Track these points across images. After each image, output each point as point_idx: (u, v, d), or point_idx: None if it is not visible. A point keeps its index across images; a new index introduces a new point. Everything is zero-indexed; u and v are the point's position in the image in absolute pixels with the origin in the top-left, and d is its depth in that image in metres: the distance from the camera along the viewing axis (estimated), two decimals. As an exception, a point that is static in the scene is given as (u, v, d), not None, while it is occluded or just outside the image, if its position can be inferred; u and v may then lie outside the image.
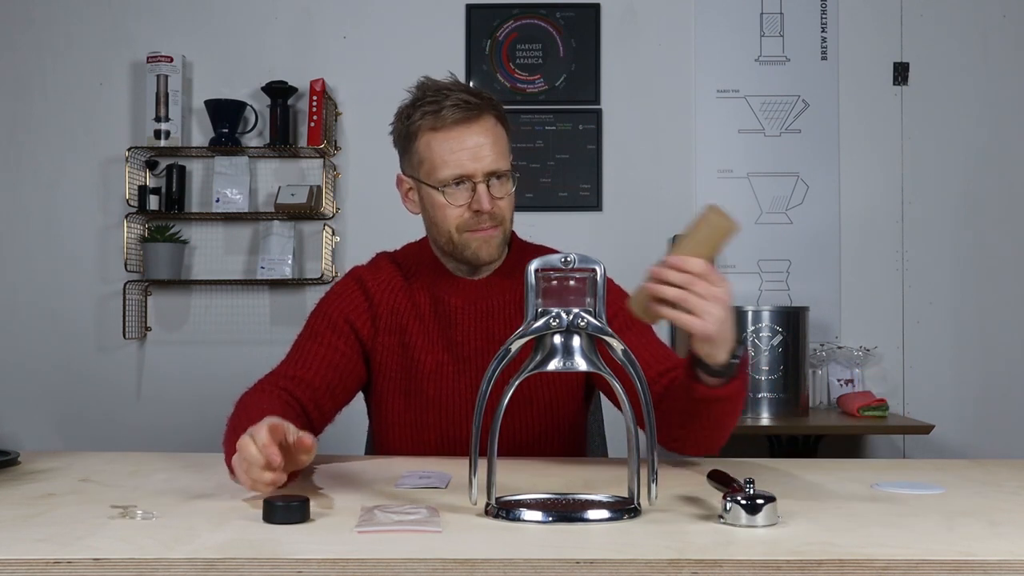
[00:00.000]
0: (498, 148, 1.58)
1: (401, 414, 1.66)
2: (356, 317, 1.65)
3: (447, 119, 1.55)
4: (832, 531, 1.05)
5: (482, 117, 1.57)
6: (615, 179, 3.47)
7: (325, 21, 3.51)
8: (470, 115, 1.56)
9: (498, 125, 1.61)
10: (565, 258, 1.14)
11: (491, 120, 1.59)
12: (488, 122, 1.58)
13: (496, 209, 1.58)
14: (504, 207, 1.60)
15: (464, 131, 1.56)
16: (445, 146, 1.56)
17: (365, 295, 1.67)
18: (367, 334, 1.64)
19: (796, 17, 3.48)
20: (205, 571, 0.91)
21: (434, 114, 1.55)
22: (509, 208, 1.62)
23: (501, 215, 1.60)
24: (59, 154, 3.50)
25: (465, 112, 1.55)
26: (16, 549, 0.95)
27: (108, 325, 3.45)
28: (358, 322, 1.65)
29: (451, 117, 1.55)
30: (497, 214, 1.59)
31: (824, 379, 3.33)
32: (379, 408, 1.69)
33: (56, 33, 3.50)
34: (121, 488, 1.31)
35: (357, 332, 1.64)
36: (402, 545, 0.97)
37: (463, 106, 1.55)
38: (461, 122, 1.56)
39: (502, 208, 1.59)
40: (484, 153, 1.56)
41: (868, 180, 3.46)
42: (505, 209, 1.60)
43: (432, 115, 1.56)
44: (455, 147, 1.56)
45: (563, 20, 3.49)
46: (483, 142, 1.56)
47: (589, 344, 1.13)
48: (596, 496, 1.20)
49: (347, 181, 3.48)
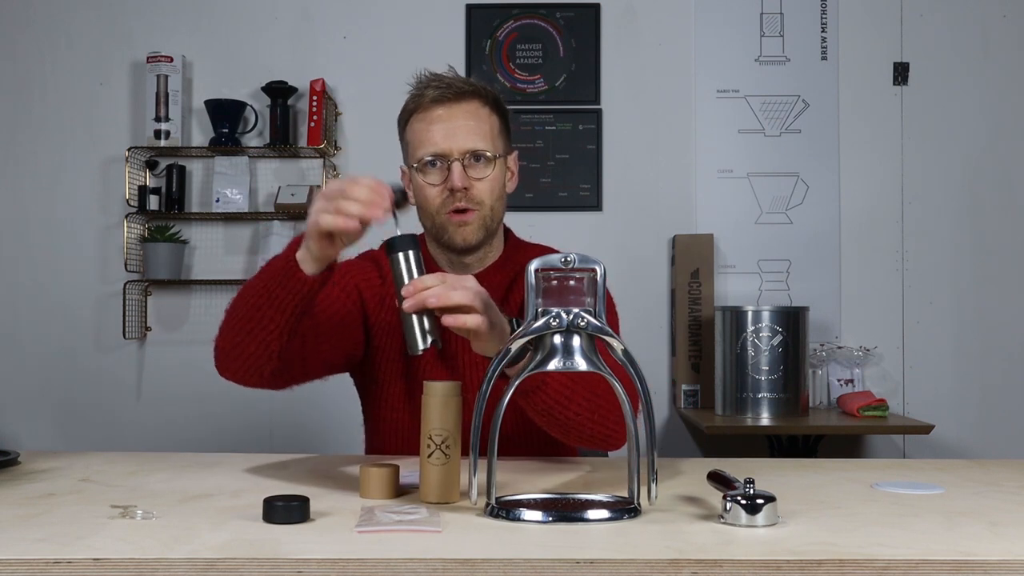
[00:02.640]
0: (480, 130, 1.58)
1: (401, 398, 1.65)
2: (366, 288, 1.66)
3: (426, 99, 1.57)
4: (832, 531, 1.05)
5: (465, 100, 1.58)
6: (615, 179, 3.47)
7: (325, 21, 3.51)
8: (450, 96, 1.56)
9: (485, 109, 1.60)
10: (565, 258, 1.13)
11: (476, 104, 1.59)
12: (471, 105, 1.58)
13: (474, 191, 1.57)
14: (483, 190, 1.58)
15: (442, 111, 1.57)
16: (422, 126, 1.58)
17: (379, 273, 1.68)
18: (373, 307, 1.65)
19: (796, 17, 3.48)
20: (205, 571, 0.91)
21: (418, 97, 1.58)
22: (490, 193, 1.60)
23: (479, 198, 1.58)
24: (59, 154, 3.50)
25: (444, 92, 1.56)
26: (16, 549, 0.95)
27: (108, 325, 3.45)
28: (367, 292, 1.66)
29: (430, 96, 1.57)
30: (475, 196, 1.58)
31: (824, 379, 3.33)
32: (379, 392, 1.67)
33: (56, 33, 3.50)
34: (121, 488, 1.31)
35: (364, 302, 1.65)
36: (402, 545, 0.97)
37: (444, 88, 1.56)
38: (440, 102, 1.57)
39: (481, 190, 1.58)
40: (461, 133, 1.56)
41: (868, 180, 3.46)
42: (484, 193, 1.59)
43: (416, 98, 1.58)
44: (431, 126, 1.57)
45: (563, 20, 3.49)
46: (463, 123, 1.56)
47: (589, 344, 1.13)
48: (596, 496, 1.20)
49: (347, 181, 3.47)
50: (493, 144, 1.60)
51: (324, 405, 3.10)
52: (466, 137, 1.56)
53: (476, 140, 1.57)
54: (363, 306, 1.65)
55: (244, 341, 1.40)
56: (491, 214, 1.61)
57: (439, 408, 1.20)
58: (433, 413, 1.20)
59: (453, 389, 1.21)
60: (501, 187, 1.63)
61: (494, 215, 1.62)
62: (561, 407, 1.33)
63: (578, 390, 1.33)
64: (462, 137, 1.56)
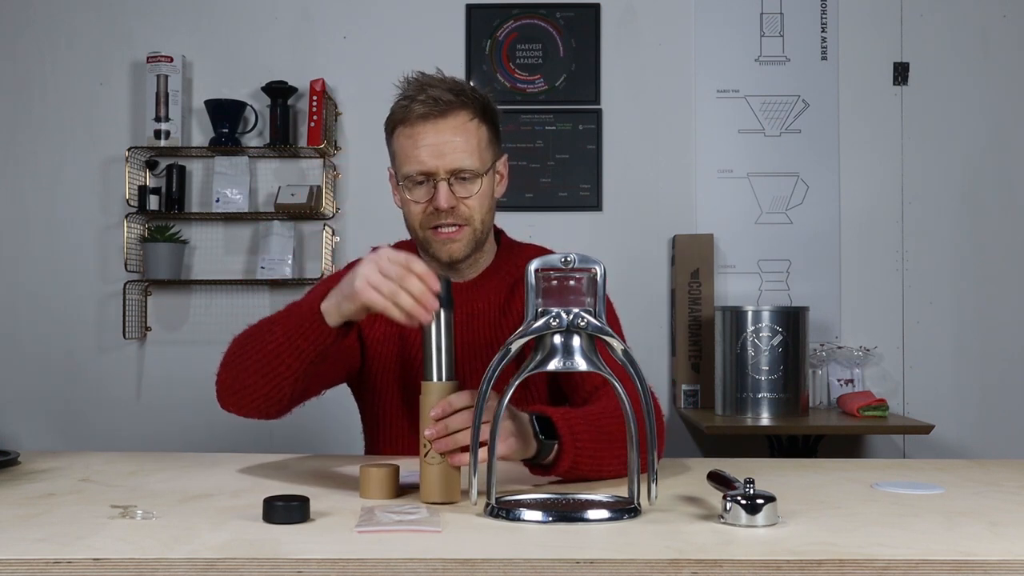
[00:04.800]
0: (467, 146, 1.54)
1: (398, 405, 1.65)
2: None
3: (414, 113, 1.53)
4: (832, 531, 1.05)
5: (451, 114, 1.53)
6: (615, 179, 3.47)
7: (325, 21, 3.51)
8: (438, 111, 1.52)
9: (474, 122, 1.56)
10: (565, 258, 1.13)
11: (464, 117, 1.55)
12: (459, 119, 1.54)
13: (461, 208, 1.56)
14: (472, 206, 1.57)
15: (429, 127, 1.53)
16: (409, 142, 1.54)
17: None
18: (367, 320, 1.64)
19: (796, 17, 3.48)
20: (205, 571, 0.91)
21: (404, 108, 1.54)
22: (479, 208, 1.58)
23: (467, 215, 1.57)
24: (59, 154, 3.50)
25: (432, 108, 1.52)
26: (16, 549, 0.95)
27: (108, 325, 3.45)
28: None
29: (418, 111, 1.53)
30: (462, 213, 1.56)
31: (824, 379, 3.33)
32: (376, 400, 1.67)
33: (56, 33, 3.50)
34: (121, 488, 1.31)
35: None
36: (402, 545, 0.97)
37: (431, 103, 1.52)
38: (427, 118, 1.53)
39: (469, 207, 1.56)
40: (447, 151, 1.53)
41: (868, 180, 3.46)
42: (473, 209, 1.57)
43: (403, 109, 1.55)
44: (418, 143, 1.53)
45: (563, 20, 3.49)
46: (449, 140, 1.53)
47: (589, 344, 1.13)
48: (596, 496, 1.20)
49: (347, 181, 3.48)
50: (480, 158, 1.56)
51: (324, 405, 3.08)
52: (453, 155, 1.53)
53: (463, 158, 1.54)
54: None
55: (257, 383, 1.41)
56: (481, 227, 1.60)
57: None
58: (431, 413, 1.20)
59: (451, 389, 1.21)
60: (490, 199, 1.61)
61: (484, 228, 1.61)
62: (595, 473, 1.35)
63: (601, 449, 1.34)
64: (449, 155, 1.53)
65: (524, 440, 1.28)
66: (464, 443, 1.17)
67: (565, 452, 1.30)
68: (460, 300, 1.63)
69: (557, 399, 1.65)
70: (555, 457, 1.31)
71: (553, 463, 1.32)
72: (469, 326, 1.63)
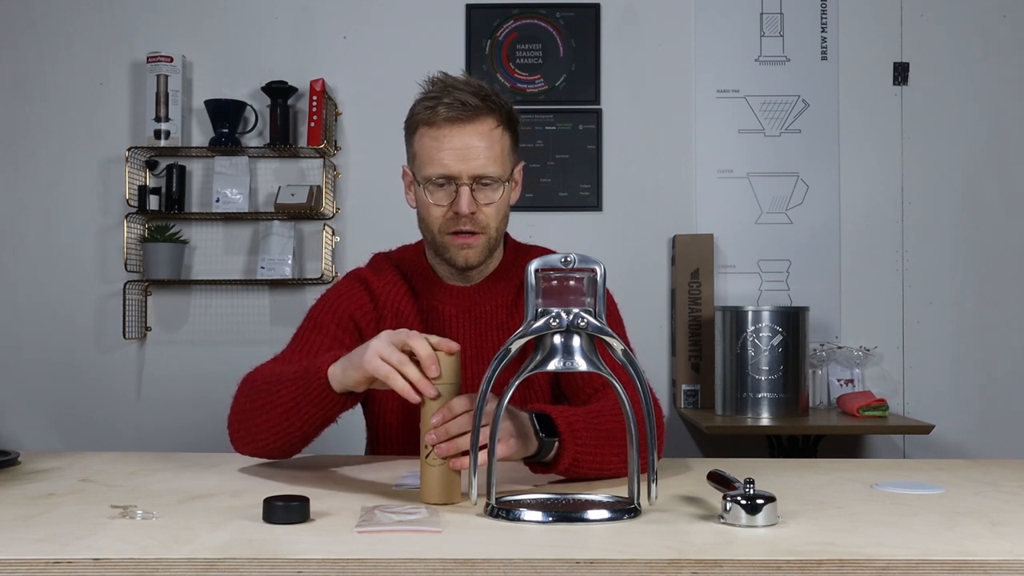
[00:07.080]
0: (491, 153, 1.54)
1: (397, 414, 1.65)
2: (361, 316, 1.64)
3: (439, 115, 1.53)
4: (832, 531, 1.05)
5: (478, 119, 1.53)
6: (615, 179, 3.47)
7: (325, 21, 3.51)
8: (464, 115, 1.52)
9: (499, 130, 1.56)
10: (565, 258, 1.13)
11: (490, 124, 1.55)
12: (485, 125, 1.54)
13: (480, 215, 1.56)
14: (490, 214, 1.57)
15: (455, 131, 1.53)
16: (434, 144, 1.54)
17: (370, 296, 1.66)
18: (368, 333, 1.63)
19: (796, 17, 3.48)
20: (205, 571, 0.91)
21: (430, 109, 1.54)
22: (496, 216, 1.58)
23: (484, 222, 1.57)
24: (59, 154, 3.50)
25: (459, 112, 1.52)
26: (16, 549, 0.95)
27: (108, 325, 3.45)
28: (363, 321, 1.64)
29: (443, 114, 1.52)
30: (480, 220, 1.56)
31: (824, 379, 3.33)
32: (379, 410, 1.68)
33: (56, 33, 3.50)
34: (121, 488, 1.31)
35: (361, 332, 1.63)
36: (402, 545, 0.97)
37: (458, 106, 1.52)
38: (453, 121, 1.52)
39: (487, 215, 1.56)
40: (472, 156, 1.53)
41: (868, 180, 3.46)
42: (491, 217, 1.57)
43: (428, 110, 1.54)
44: (443, 146, 1.53)
45: (563, 20, 3.49)
46: (474, 144, 1.53)
47: (589, 344, 1.13)
48: (596, 496, 1.20)
49: (347, 181, 3.48)
50: (503, 166, 1.56)
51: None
52: (477, 161, 1.53)
53: (486, 164, 1.54)
54: (359, 334, 1.62)
55: (268, 438, 1.44)
56: (496, 235, 1.61)
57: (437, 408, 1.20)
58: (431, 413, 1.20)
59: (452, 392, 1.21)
60: (506, 207, 1.61)
61: (498, 235, 1.62)
62: (596, 472, 1.35)
63: (602, 446, 1.34)
64: (473, 161, 1.53)
65: (524, 439, 1.28)
66: (465, 447, 1.17)
67: (566, 449, 1.30)
68: (468, 303, 1.64)
69: (559, 400, 1.65)
70: (556, 455, 1.31)
71: (554, 461, 1.32)
72: (476, 328, 1.63)
